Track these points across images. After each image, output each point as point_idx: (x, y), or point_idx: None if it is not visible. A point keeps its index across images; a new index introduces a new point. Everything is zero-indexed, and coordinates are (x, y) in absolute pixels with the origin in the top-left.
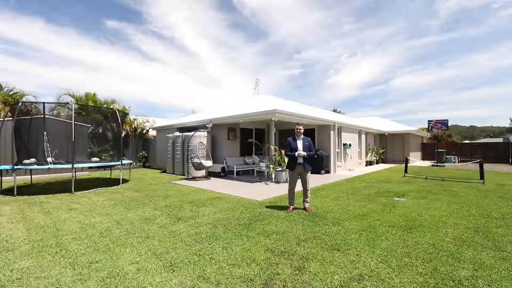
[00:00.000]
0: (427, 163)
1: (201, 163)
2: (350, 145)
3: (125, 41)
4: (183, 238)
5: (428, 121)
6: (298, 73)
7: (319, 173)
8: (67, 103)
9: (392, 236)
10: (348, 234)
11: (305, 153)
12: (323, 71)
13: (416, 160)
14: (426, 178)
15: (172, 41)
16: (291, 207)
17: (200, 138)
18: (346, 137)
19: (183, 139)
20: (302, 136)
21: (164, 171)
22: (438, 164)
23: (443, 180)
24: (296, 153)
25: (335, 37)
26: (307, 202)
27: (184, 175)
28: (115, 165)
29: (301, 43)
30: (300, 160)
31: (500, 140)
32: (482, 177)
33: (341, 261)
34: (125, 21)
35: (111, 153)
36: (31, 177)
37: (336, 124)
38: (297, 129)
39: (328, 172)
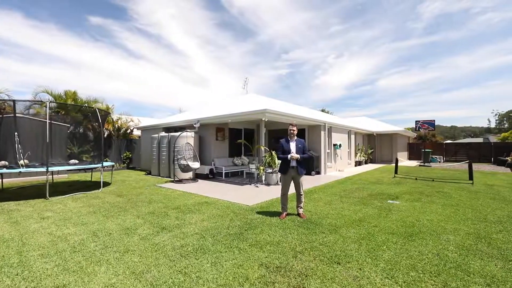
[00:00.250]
0: (414, 162)
1: (188, 165)
2: (340, 145)
3: (110, 38)
4: (167, 252)
5: (416, 121)
6: (286, 73)
7: (309, 174)
8: (41, 101)
9: (394, 245)
10: (347, 243)
11: (298, 156)
12: (311, 72)
13: (403, 160)
14: (416, 179)
15: (159, 39)
16: (284, 213)
17: (187, 138)
18: (336, 138)
19: (169, 139)
20: (296, 137)
21: (149, 173)
22: (425, 164)
23: (433, 180)
24: (289, 156)
25: (322, 38)
26: (301, 207)
27: (170, 178)
28: (95, 168)
29: (289, 43)
30: (293, 163)
31: (481, 140)
32: (471, 177)
33: (343, 278)
34: (109, 18)
35: (93, 154)
36: (1, 181)
37: (326, 124)
38: (290, 130)
39: (318, 173)
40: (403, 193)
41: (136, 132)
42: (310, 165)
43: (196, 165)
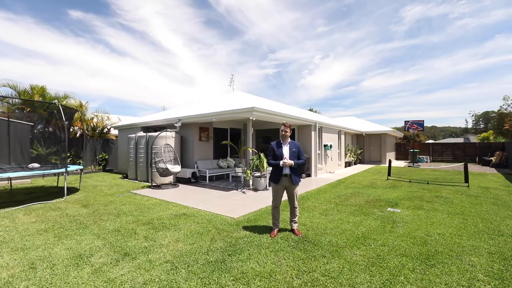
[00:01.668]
0: (402, 163)
1: (167, 168)
2: (331, 146)
3: (92, 34)
4: None
5: (405, 121)
6: (273, 73)
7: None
8: None
9: (413, 275)
10: (355, 272)
11: (292, 162)
12: (298, 71)
13: (391, 160)
14: (410, 181)
15: (143, 36)
16: (276, 229)
17: (167, 139)
18: (327, 138)
19: (147, 140)
20: (289, 140)
21: (126, 177)
22: (414, 164)
23: (428, 183)
24: (281, 162)
25: (308, 38)
26: (295, 222)
27: (148, 182)
28: (59, 173)
29: (276, 43)
30: (287, 171)
31: (461, 139)
32: (466, 180)
33: None
34: (91, 12)
35: (63, 156)
36: None
37: (317, 124)
38: (282, 131)
39: (309, 175)
40: (402, 198)
41: (114, 132)
42: (300, 167)
43: (176, 168)
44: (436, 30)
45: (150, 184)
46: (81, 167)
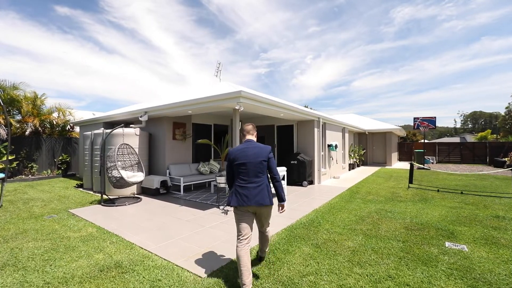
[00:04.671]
0: (406, 164)
1: (122, 177)
2: (336, 146)
3: (79, 31)
4: None
5: (414, 118)
6: (265, 72)
7: (301, 184)
8: None
9: None
10: None
11: None
12: (289, 71)
13: (395, 161)
14: (438, 190)
15: (133, 34)
16: None
17: (125, 137)
18: (331, 136)
19: (104, 138)
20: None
21: (81, 186)
22: (424, 167)
23: (462, 193)
24: None
25: (300, 38)
26: None
27: (105, 194)
28: None
29: (268, 43)
30: None
31: (457, 139)
32: None
33: None
34: (78, 8)
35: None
36: None
37: (320, 119)
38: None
39: (311, 182)
40: (450, 221)
41: (78, 129)
42: (301, 172)
43: (137, 177)
44: (425, 31)
45: (105, 197)
46: (3, 175)
